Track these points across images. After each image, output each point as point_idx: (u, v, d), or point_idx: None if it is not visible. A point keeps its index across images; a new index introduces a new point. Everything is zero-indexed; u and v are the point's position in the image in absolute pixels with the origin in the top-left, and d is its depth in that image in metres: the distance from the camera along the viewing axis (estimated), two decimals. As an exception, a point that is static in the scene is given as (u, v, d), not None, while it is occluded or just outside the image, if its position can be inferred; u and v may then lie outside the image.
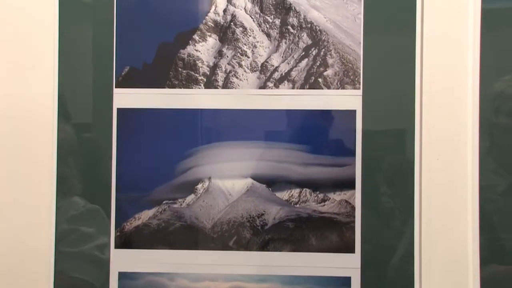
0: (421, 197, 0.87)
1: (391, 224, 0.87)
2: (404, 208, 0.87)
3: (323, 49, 0.88)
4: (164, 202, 0.89)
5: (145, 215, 0.89)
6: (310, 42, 0.88)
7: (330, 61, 0.87)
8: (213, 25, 0.90)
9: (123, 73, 0.89)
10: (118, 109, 0.89)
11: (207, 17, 0.90)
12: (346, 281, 0.87)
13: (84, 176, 0.90)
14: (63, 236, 0.90)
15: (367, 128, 0.87)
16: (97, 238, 0.90)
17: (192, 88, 0.89)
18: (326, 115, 0.88)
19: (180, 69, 0.89)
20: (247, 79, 0.89)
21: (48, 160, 0.90)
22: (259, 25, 0.89)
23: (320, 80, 0.88)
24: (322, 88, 0.88)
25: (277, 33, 0.89)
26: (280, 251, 0.87)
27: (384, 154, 0.88)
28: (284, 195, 0.88)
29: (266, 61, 0.89)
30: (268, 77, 0.88)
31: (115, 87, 0.89)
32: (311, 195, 0.88)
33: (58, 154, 0.90)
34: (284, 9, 0.89)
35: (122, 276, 0.89)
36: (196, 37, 0.90)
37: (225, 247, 0.88)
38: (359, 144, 0.87)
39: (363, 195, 0.87)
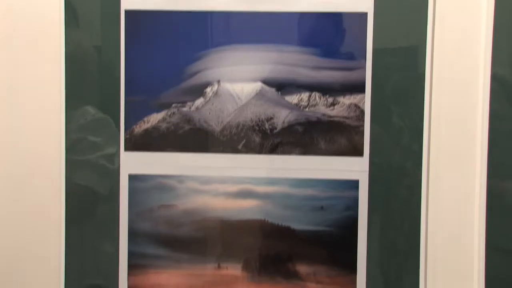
0: (431, 106, 0.87)
1: (400, 129, 0.87)
2: (414, 114, 0.87)
3: (336, -52, 0.86)
4: (173, 105, 0.88)
5: (154, 118, 0.89)
6: None
7: (342, -39, 0.86)
8: None
9: (130, -25, 0.88)
10: (126, 11, 0.88)
11: None
12: (354, 184, 0.87)
13: (92, 81, 0.90)
14: (71, 145, 0.90)
15: (378, 31, 0.86)
16: (105, 147, 0.90)
17: (201, -11, 0.87)
18: (337, 17, 0.86)
19: (189, -30, 0.87)
20: (257, -19, 0.87)
21: (56, 68, 0.90)
22: None
23: (331, -19, 0.86)
24: (334, -10, 0.86)
25: None
26: (289, 154, 0.88)
27: (395, 59, 0.87)
28: (293, 98, 0.88)
29: (277, -39, 0.87)
30: (278, -22, 0.87)
31: (123, -12, 0.88)
32: (320, 99, 0.87)
33: (66, 61, 0.89)
34: None
35: (132, 178, 0.89)
36: None
37: (234, 150, 0.88)
38: (369, 47, 0.86)
39: (373, 99, 0.87)
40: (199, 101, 0.89)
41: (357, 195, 0.87)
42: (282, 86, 0.88)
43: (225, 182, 0.89)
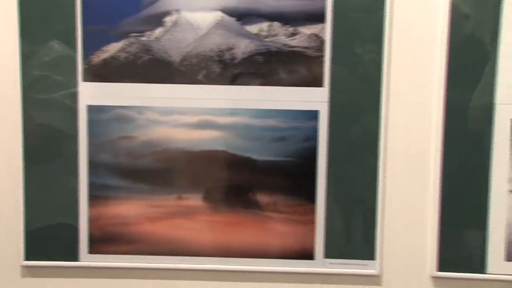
0: (391, 40, 0.87)
1: (360, 58, 0.87)
2: (373, 46, 0.87)
3: None
4: (131, 34, 0.87)
5: (112, 48, 0.87)
6: None
7: None
8: None
9: None
10: None
11: None
12: (314, 114, 0.88)
13: (48, 13, 0.87)
14: (33, 83, 0.88)
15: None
16: (68, 87, 0.88)
17: None
18: None
19: None
20: None
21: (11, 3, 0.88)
22: None
23: None
24: None
25: None
26: (249, 85, 0.87)
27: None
28: (253, 28, 0.87)
29: None
30: None
31: None
32: (281, 29, 0.87)
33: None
34: None
35: (91, 109, 0.88)
36: None
37: (194, 80, 0.88)
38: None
39: (333, 28, 0.86)
40: (158, 31, 0.87)
41: (317, 125, 0.88)
42: (242, 16, 0.86)
43: (185, 113, 0.88)
